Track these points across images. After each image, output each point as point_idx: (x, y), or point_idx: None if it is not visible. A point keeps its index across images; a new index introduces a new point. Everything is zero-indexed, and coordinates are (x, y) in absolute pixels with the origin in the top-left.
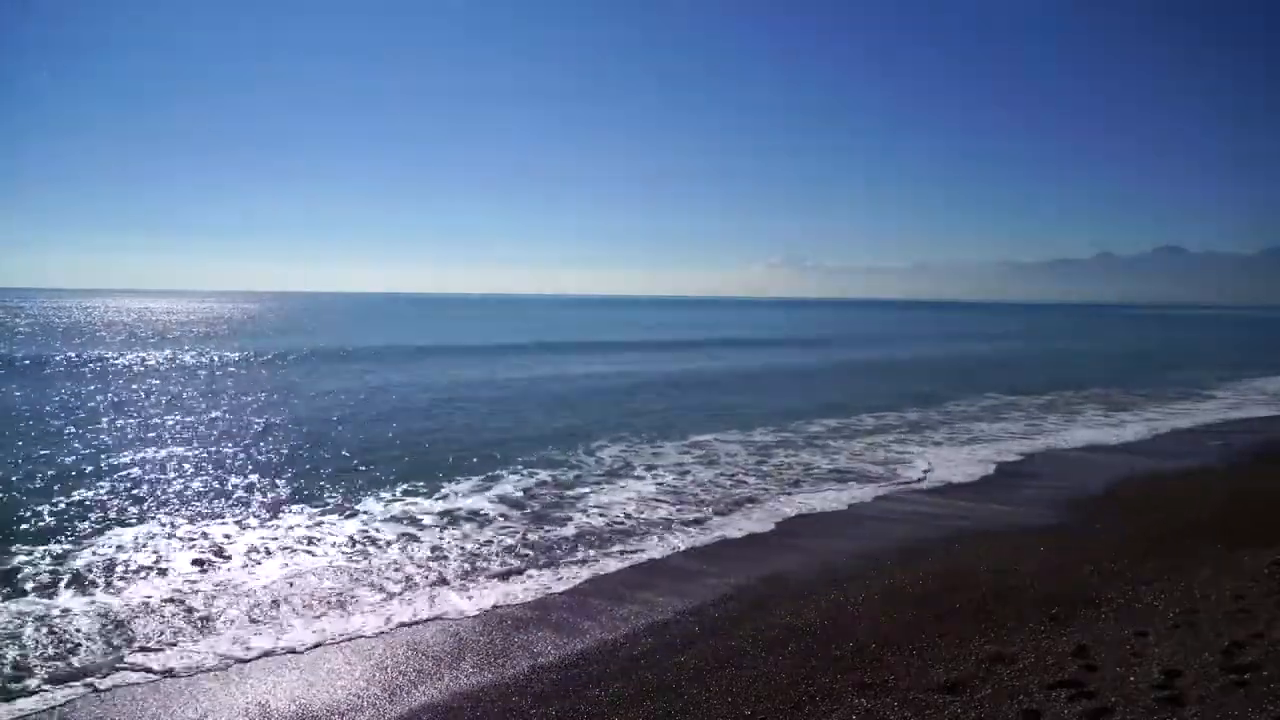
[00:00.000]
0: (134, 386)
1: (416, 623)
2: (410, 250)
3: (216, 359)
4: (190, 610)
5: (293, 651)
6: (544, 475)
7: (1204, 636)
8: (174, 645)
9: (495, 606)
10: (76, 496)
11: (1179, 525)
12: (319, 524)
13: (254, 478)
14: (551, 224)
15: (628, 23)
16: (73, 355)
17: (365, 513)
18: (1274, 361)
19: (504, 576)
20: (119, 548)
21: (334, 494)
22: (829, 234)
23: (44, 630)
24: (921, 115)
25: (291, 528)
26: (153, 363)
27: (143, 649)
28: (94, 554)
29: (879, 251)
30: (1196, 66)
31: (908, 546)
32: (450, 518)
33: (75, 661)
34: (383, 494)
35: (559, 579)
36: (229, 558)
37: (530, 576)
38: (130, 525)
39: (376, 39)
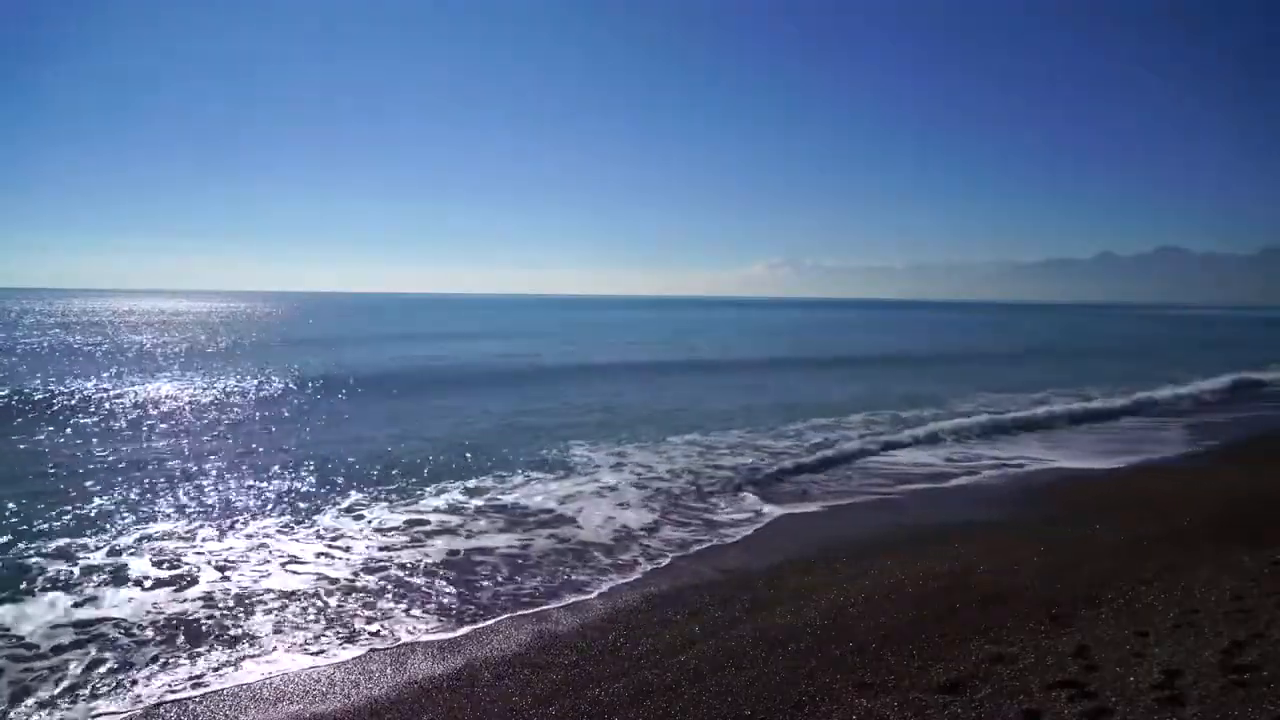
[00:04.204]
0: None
1: (415, 624)
2: (413, 251)
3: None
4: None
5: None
6: (538, 480)
7: (1204, 636)
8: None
9: (494, 606)
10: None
11: (1178, 525)
12: (304, 535)
13: (234, 497)
14: (554, 225)
15: (628, 25)
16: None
17: (345, 525)
18: (1267, 359)
19: (503, 578)
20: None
21: (314, 506)
22: (829, 234)
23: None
24: (921, 116)
25: (277, 539)
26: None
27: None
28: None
29: (878, 251)
30: (1197, 67)
31: (907, 546)
32: (444, 522)
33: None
34: (365, 502)
35: (557, 579)
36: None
37: (529, 577)
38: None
39: (376, 41)
